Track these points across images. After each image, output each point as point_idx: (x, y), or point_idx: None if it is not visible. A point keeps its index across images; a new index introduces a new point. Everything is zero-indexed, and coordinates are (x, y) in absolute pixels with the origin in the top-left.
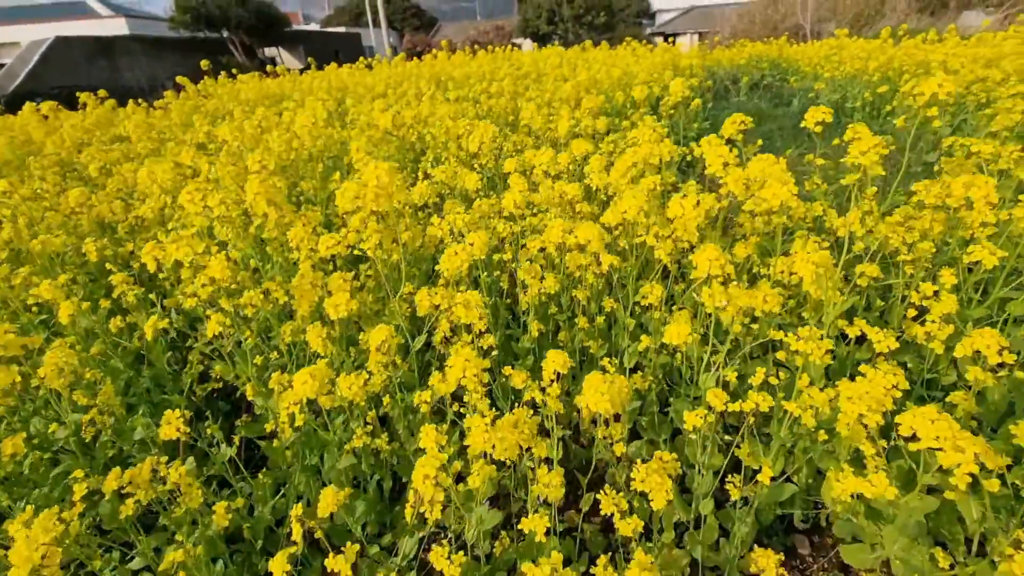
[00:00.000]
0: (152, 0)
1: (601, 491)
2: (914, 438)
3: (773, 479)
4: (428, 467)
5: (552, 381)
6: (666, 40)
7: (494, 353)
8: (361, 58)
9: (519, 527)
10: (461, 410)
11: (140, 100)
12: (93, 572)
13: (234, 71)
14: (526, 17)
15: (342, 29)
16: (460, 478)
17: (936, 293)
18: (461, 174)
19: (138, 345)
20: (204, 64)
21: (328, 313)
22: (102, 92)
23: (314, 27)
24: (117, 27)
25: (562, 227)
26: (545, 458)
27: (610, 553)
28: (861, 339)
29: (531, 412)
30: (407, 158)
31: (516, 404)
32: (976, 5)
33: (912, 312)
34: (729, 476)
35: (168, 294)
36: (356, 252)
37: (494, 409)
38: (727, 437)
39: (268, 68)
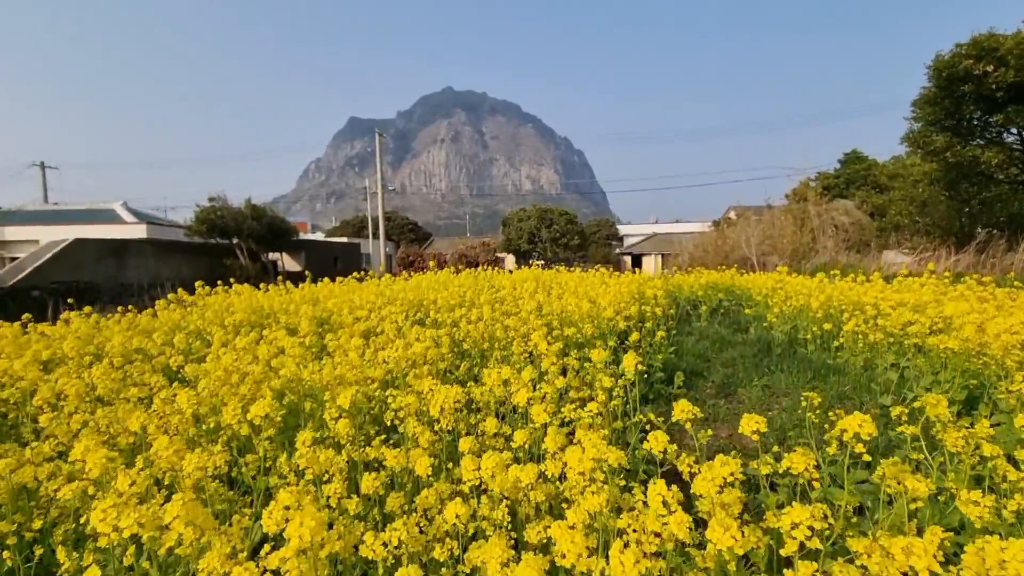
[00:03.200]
0: (180, 207)
1: None
2: None
3: None
4: None
5: None
6: (633, 260)
7: None
8: (354, 272)
9: None
10: None
11: (129, 305)
12: None
13: (231, 280)
14: (509, 237)
15: (344, 239)
16: None
17: None
18: (414, 455)
19: None
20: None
21: None
22: (87, 309)
23: (319, 235)
24: (138, 232)
25: (500, 558)
26: None
27: None
28: None
29: None
30: (370, 431)
31: None
32: (892, 246)
33: None
34: None
35: None
36: None
37: None
38: None
39: (262, 284)
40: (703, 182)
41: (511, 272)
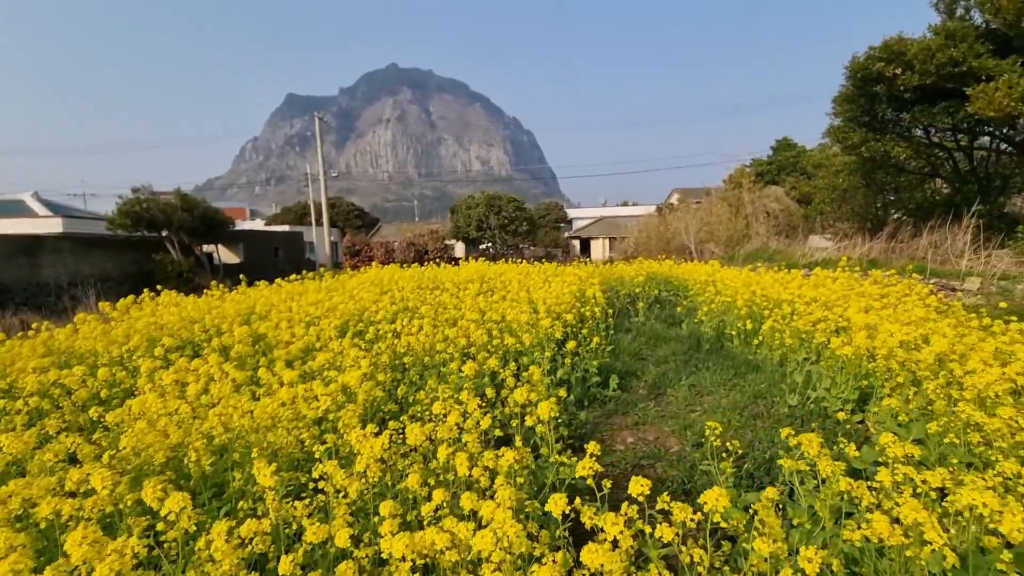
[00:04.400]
0: (103, 196)
1: None
2: None
3: None
4: None
5: None
6: (582, 244)
7: None
8: (298, 264)
9: None
10: None
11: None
12: None
13: (162, 277)
14: (458, 224)
15: (285, 228)
16: None
17: None
18: (336, 526)
19: None
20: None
21: None
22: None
23: (258, 223)
24: (53, 227)
25: None
26: None
27: None
28: None
29: None
30: (300, 479)
31: None
32: (818, 231)
33: None
34: None
35: None
36: None
37: None
38: None
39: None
40: (649, 167)
41: (460, 262)
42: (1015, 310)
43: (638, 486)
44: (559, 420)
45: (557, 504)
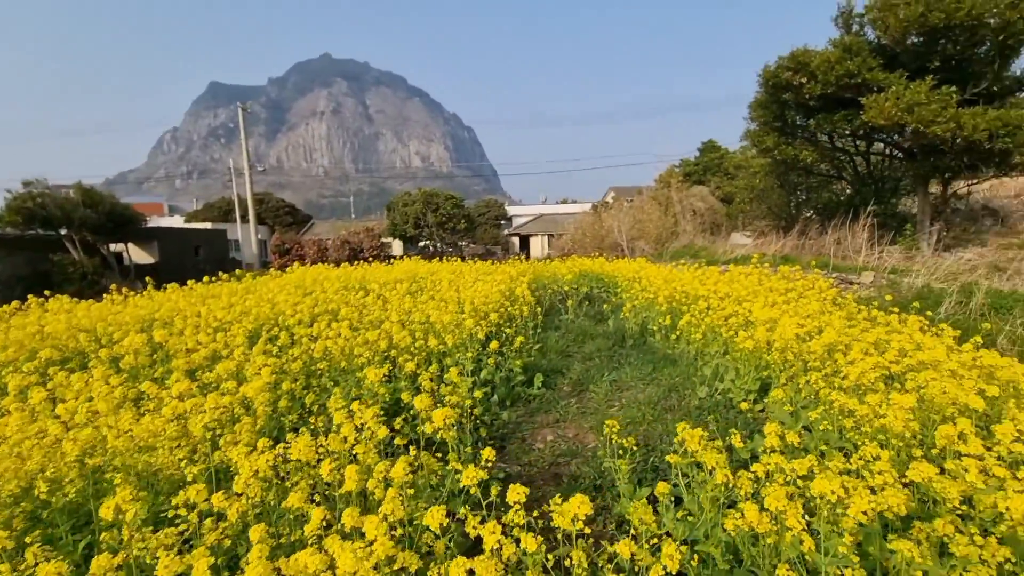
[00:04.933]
0: None
1: None
2: None
3: None
4: None
5: None
6: (522, 241)
7: None
8: (222, 264)
9: None
10: None
11: None
12: None
13: (61, 280)
14: (395, 222)
15: (207, 225)
16: None
17: None
18: (196, 555)
19: None
20: None
21: None
22: None
23: (177, 220)
24: None
25: None
26: None
27: None
28: None
29: None
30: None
31: None
32: (740, 229)
33: None
34: None
35: None
36: None
37: None
38: None
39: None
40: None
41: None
42: (900, 301)
43: (515, 494)
44: (480, 421)
45: (435, 517)
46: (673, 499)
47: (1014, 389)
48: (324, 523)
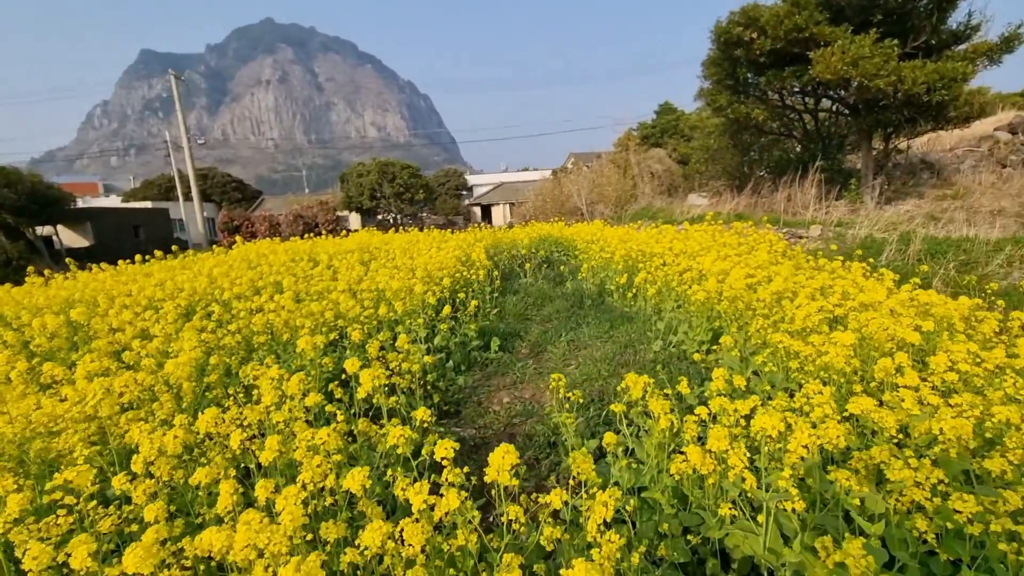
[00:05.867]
0: None
1: None
2: None
3: None
4: None
5: None
6: (483, 210)
7: None
8: (164, 243)
9: None
10: None
11: None
12: None
13: None
14: (349, 194)
15: (147, 204)
16: None
17: None
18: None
19: None
20: None
21: None
22: None
23: (114, 200)
24: None
25: None
26: None
27: None
28: None
29: None
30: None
31: None
32: (696, 190)
33: None
34: None
35: None
36: None
37: None
38: None
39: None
40: (545, 131)
41: (350, 233)
42: (845, 252)
43: (443, 450)
44: (434, 387)
45: (355, 479)
46: (625, 450)
47: (948, 324)
48: (243, 500)
